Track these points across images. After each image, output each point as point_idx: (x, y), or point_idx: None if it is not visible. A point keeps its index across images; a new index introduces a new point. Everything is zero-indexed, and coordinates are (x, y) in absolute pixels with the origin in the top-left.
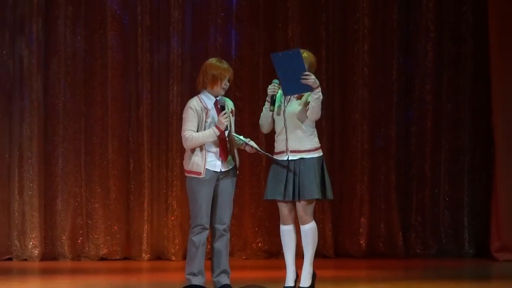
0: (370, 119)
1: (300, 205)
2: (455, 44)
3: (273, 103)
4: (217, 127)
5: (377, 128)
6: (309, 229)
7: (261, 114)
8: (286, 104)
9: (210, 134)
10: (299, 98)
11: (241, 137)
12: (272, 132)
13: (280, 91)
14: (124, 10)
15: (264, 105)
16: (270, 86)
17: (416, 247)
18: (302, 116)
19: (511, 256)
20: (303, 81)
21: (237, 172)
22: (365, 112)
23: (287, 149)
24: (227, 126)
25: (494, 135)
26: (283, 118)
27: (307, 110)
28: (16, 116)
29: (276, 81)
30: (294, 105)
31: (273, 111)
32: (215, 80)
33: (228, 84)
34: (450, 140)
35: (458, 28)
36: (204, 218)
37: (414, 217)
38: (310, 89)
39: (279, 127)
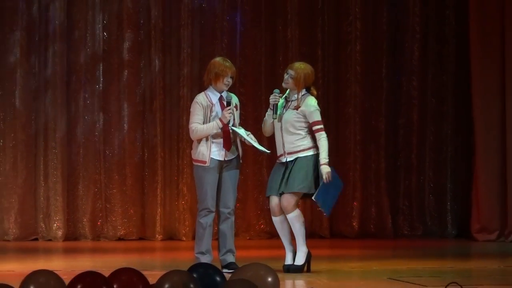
0: (362, 112)
1: (284, 197)
2: (439, 44)
3: (275, 111)
4: (221, 120)
5: (368, 121)
6: (294, 217)
7: (264, 120)
8: (284, 111)
9: (213, 126)
10: (296, 108)
11: (242, 130)
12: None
13: (281, 100)
14: (139, 14)
15: (266, 111)
16: (271, 96)
17: (403, 228)
18: (296, 123)
19: (489, 237)
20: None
21: (241, 161)
22: (357, 107)
23: (284, 152)
24: (229, 120)
25: (474, 127)
26: (280, 124)
27: (301, 118)
28: (41, 111)
29: (277, 90)
30: (290, 114)
31: (275, 119)
32: (217, 77)
33: (230, 80)
34: (434, 132)
35: (441, 30)
36: (209, 202)
37: (402, 202)
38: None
39: (277, 132)
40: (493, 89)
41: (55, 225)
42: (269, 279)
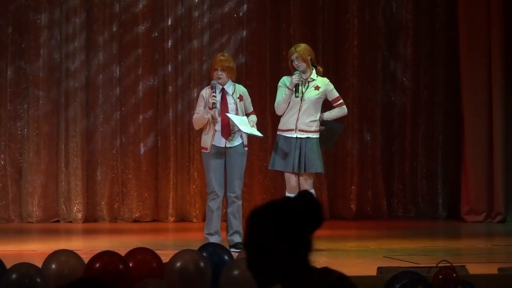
0: (359, 103)
1: (305, 177)
2: (430, 40)
3: (297, 90)
4: (208, 107)
5: (364, 110)
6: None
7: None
8: (305, 90)
9: (203, 113)
10: (317, 88)
11: (237, 117)
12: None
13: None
14: (153, 12)
15: (273, 101)
16: (295, 76)
17: (398, 210)
18: (316, 103)
19: (477, 218)
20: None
21: (246, 148)
22: (354, 97)
23: (296, 128)
24: (214, 104)
25: (462, 116)
26: (300, 101)
27: (321, 96)
28: (62, 102)
29: (297, 72)
30: (312, 93)
31: (298, 97)
32: (211, 70)
33: (220, 73)
34: (426, 121)
35: (433, 26)
36: (215, 186)
37: (396, 185)
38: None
39: (293, 108)
40: (480, 80)
41: (75, 208)
42: None
